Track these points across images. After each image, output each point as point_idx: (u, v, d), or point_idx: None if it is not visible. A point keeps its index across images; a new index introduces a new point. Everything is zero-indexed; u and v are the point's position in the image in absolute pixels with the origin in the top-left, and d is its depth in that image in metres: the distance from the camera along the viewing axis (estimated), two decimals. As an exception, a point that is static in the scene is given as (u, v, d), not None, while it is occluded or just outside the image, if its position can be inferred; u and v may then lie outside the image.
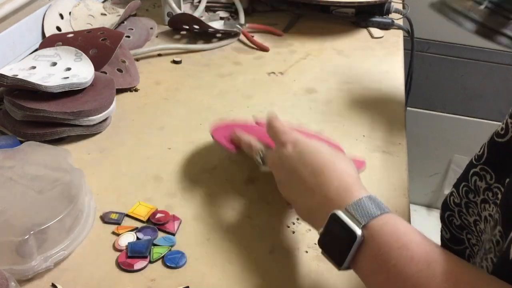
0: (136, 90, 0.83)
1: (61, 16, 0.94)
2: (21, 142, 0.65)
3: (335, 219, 0.44)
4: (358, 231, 0.42)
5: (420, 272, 0.39)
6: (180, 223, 0.58)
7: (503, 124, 0.54)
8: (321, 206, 0.47)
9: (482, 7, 0.61)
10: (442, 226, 0.65)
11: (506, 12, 0.59)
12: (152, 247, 0.54)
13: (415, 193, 1.85)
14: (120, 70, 0.83)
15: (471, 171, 0.58)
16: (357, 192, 0.46)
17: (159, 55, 0.95)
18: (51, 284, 0.50)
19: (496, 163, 0.55)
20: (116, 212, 0.58)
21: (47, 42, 0.84)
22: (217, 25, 1.03)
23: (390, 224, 0.43)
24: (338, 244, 0.44)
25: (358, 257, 0.43)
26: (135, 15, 1.07)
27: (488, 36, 0.60)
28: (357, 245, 0.43)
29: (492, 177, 0.56)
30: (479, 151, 0.58)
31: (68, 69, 0.75)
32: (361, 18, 1.08)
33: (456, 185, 0.62)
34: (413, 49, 1.22)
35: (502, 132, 0.54)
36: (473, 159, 0.59)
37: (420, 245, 0.41)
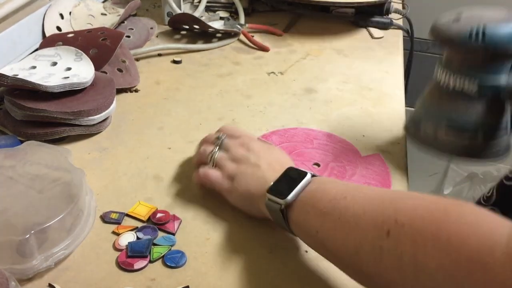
0: (136, 90, 0.83)
1: (61, 16, 0.94)
2: (22, 141, 0.65)
3: (290, 169, 0.53)
4: (309, 175, 0.51)
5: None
6: (180, 223, 0.58)
7: None
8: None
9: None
10: None
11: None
12: (152, 246, 0.54)
13: (415, 193, 1.85)
14: (120, 70, 0.83)
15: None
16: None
17: (159, 55, 0.95)
18: (48, 284, 0.50)
19: (505, 205, 0.57)
20: (116, 212, 0.58)
21: (47, 42, 0.84)
22: (217, 25, 1.03)
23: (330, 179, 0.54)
24: (288, 183, 0.51)
25: (303, 193, 0.50)
26: (135, 15, 1.07)
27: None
28: (306, 182, 0.51)
29: None
30: (488, 193, 0.58)
31: (68, 69, 0.75)
32: (361, 18, 1.08)
33: None
34: (413, 49, 1.22)
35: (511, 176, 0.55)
36: (481, 199, 0.59)
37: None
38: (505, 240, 0.34)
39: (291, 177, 0.52)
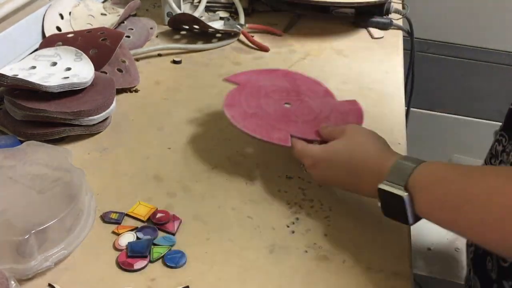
0: (136, 91, 0.83)
1: (61, 16, 0.94)
2: (21, 142, 0.65)
3: (381, 192, 0.51)
4: (402, 193, 0.49)
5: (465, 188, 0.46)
6: (180, 223, 0.58)
7: None
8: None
9: None
10: None
11: None
12: (152, 246, 0.54)
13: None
14: (120, 70, 0.83)
15: (495, 140, 0.63)
16: (388, 162, 0.52)
17: (159, 55, 0.95)
18: (48, 284, 0.50)
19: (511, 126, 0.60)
20: (116, 212, 0.58)
21: (47, 42, 0.84)
22: (217, 25, 1.03)
23: (428, 170, 0.50)
24: (396, 209, 0.50)
25: (418, 209, 0.50)
26: (135, 15, 1.07)
27: None
28: (409, 203, 0.49)
29: (506, 139, 0.60)
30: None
31: (68, 69, 0.75)
32: (361, 18, 1.08)
33: (486, 157, 0.67)
34: (413, 49, 1.22)
35: None
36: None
37: (457, 171, 0.48)
38: None
39: (390, 202, 0.52)
